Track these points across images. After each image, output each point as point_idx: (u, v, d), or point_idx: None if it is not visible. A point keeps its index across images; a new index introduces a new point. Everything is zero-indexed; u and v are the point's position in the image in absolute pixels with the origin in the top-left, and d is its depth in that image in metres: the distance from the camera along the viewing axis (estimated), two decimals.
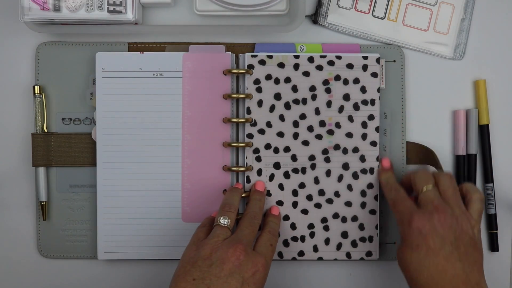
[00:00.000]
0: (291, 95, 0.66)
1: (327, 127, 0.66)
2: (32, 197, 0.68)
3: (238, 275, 0.54)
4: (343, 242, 0.66)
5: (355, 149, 0.66)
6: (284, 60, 0.66)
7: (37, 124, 0.67)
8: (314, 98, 0.66)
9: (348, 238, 0.66)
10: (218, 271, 0.54)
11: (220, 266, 0.54)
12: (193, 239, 0.59)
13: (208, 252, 0.56)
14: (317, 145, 0.66)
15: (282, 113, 0.66)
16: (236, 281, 0.54)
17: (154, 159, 0.66)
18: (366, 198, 0.66)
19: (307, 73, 0.66)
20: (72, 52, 0.67)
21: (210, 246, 0.56)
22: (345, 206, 0.66)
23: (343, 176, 0.66)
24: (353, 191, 0.66)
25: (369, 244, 0.66)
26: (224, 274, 0.54)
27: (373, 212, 0.66)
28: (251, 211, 0.62)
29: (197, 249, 0.57)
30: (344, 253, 0.66)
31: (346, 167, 0.66)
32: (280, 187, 0.66)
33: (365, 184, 0.66)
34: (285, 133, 0.66)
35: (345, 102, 0.66)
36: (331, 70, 0.66)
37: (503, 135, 0.69)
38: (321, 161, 0.66)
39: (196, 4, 0.66)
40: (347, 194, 0.66)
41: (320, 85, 0.66)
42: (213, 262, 0.55)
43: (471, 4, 0.69)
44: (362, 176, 0.66)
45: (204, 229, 0.60)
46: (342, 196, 0.66)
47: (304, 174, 0.66)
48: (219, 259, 0.55)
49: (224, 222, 0.59)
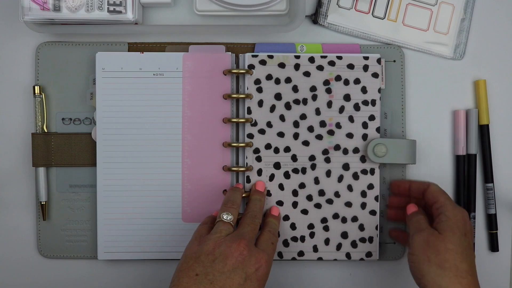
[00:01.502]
0: (292, 95, 0.66)
1: (327, 127, 0.66)
2: (32, 197, 0.68)
3: (241, 270, 0.54)
4: (343, 243, 0.66)
5: (355, 149, 0.66)
6: (284, 60, 0.66)
7: (37, 124, 0.67)
8: (315, 98, 0.66)
9: (348, 239, 0.66)
10: (221, 267, 0.54)
11: (223, 261, 0.54)
12: (195, 235, 0.59)
13: (211, 247, 0.56)
14: (318, 145, 0.66)
15: (282, 113, 0.66)
16: (239, 276, 0.54)
17: (154, 159, 0.66)
18: (366, 198, 0.66)
19: (307, 73, 0.66)
20: (72, 52, 0.67)
21: (213, 241, 0.56)
22: (345, 207, 0.66)
23: (343, 177, 0.66)
24: (353, 191, 0.66)
25: (369, 244, 0.66)
26: (227, 270, 0.54)
27: (373, 212, 0.66)
28: (251, 210, 0.62)
29: (200, 244, 0.57)
30: (344, 254, 0.66)
31: (346, 167, 0.66)
32: (280, 187, 0.66)
33: (366, 184, 0.66)
34: (286, 133, 0.66)
35: (345, 102, 0.66)
36: (331, 70, 0.66)
37: (503, 135, 0.69)
38: (322, 162, 0.66)
39: (196, 4, 0.66)
40: (347, 195, 0.66)
41: (321, 85, 0.66)
42: (216, 257, 0.55)
43: (471, 4, 0.69)
44: (362, 176, 0.66)
45: (206, 226, 0.60)
46: (342, 197, 0.66)
47: (304, 174, 0.66)
48: (222, 254, 0.55)
49: (227, 217, 0.59)
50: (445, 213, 0.60)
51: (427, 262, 0.57)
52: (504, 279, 0.69)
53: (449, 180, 0.69)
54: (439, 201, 0.61)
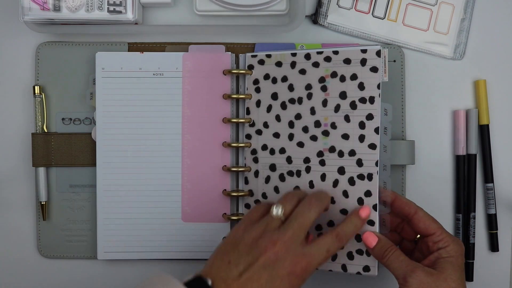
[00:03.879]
0: (287, 94, 0.64)
1: (322, 127, 0.62)
2: (32, 197, 0.68)
3: (271, 269, 0.51)
4: (338, 253, 0.60)
5: (351, 152, 0.60)
6: (281, 58, 0.64)
7: (37, 124, 0.67)
8: (310, 97, 0.63)
9: (344, 249, 0.60)
10: (253, 260, 0.52)
11: (257, 256, 0.52)
12: (245, 219, 0.56)
13: (252, 238, 0.53)
14: (312, 147, 0.62)
15: (278, 113, 0.64)
16: (268, 275, 0.51)
17: (154, 159, 0.66)
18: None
19: (303, 71, 0.63)
20: (72, 52, 0.67)
21: (256, 232, 0.53)
22: (340, 214, 0.60)
23: (339, 181, 0.61)
24: (349, 198, 0.60)
25: (366, 257, 0.59)
26: (258, 265, 0.52)
27: (371, 223, 0.59)
28: (317, 193, 0.57)
29: (244, 231, 0.54)
30: (339, 265, 0.61)
31: (341, 171, 0.61)
32: (276, 190, 0.64)
33: (362, 191, 0.60)
34: (281, 134, 0.64)
35: (341, 100, 0.61)
36: (327, 66, 0.62)
37: (503, 135, 0.69)
38: (316, 164, 0.62)
39: (196, 4, 0.66)
40: (342, 201, 0.61)
41: (316, 83, 0.62)
42: (252, 250, 0.52)
43: (471, 4, 0.69)
44: (359, 182, 0.60)
45: (260, 210, 0.57)
46: (337, 203, 0.61)
47: (299, 178, 0.63)
48: (259, 247, 0.52)
49: (277, 213, 0.55)
50: (445, 249, 0.56)
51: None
52: (504, 279, 0.69)
53: (449, 180, 0.69)
54: (436, 234, 0.57)
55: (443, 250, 0.56)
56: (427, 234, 0.58)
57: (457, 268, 0.55)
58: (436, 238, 0.57)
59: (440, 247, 0.56)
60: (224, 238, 0.56)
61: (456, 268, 0.55)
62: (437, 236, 0.57)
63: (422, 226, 0.58)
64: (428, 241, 0.58)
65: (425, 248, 0.58)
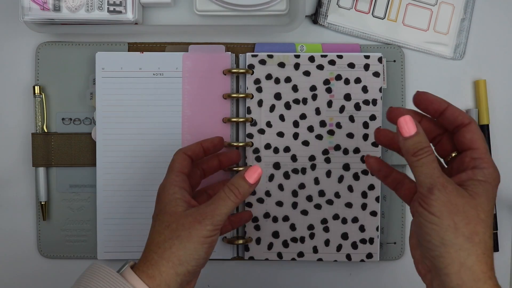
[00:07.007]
0: (292, 95, 0.66)
1: (327, 127, 0.66)
2: (32, 197, 0.68)
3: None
4: (343, 244, 0.66)
5: (356, 149, 0.66)
6: (284, 59, 0.66)
7: (37, 124, 0.67)
8: (315, 98, 0.66)
9: (348, 240, 0.66)
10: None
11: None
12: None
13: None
14: (318, 146, 0.66)
15: (282, 113, 0.66)
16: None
17: (154, 159, 0.66)
18: (367, 199, 0.66)
19: (307, 72, 0.66)
20: (72, 52, 0.67)
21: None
22: (345, 207, 0.66)
23: (344, 177, 0.66)
24: (354, 192, 0.66)
25: (369, 246, 0.66)
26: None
27: (374, 213, 0.66)
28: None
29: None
30: (344, 255, 0.66)
31: (346, 167, 0.66)
32: (280, 188, 0.66)
33: (366, 185, 0.66)
34: (285, 133, 0.66)
35: (346, 102, 0.66)
36: (332, 69, 0.66)
37: (503, 135, 0.69)
38: (322, 162, 0.66)
39: (196, 4, 0.66)
40: (347, 195, 0.66)
41: (321, 84, 0.66)
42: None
43: (471, 4, 0.69)
44: (363, 177, 0.66)
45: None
46: (342, 197, 0.66)
47: (304, 175, 0.66)
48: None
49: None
50: (483, 171, 0.46)
51: (453, 230, 0.44)
52: (504, 279, 0.69)
53: None
54: (479, 149, 0.47)
55: (479, 171, 0.47)
56: (470, 148, 0.48)
57: (491, 199, 0.46)
58: (476, 154, 0.47)
59: (478, 165, 0.47)
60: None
61: (490, 198, 0.46)
62: (479, 153, 0.47)
63: (469, 137, 0.48)
64: (466, 156, 0.48)
65: (458, 166, 0.49)
